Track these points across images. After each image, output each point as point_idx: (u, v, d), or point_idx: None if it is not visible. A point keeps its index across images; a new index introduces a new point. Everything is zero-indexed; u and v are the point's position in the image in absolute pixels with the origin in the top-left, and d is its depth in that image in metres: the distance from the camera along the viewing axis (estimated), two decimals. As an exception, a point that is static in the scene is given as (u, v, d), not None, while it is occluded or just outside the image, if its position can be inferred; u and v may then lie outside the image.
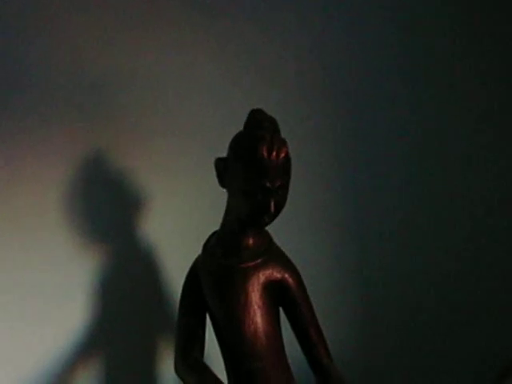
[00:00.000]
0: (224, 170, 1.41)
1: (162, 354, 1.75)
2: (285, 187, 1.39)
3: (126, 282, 1.72)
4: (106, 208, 1.68)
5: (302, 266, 1.50)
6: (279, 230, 1.54)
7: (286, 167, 1.38)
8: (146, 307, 1.75)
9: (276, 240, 1.51)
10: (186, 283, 1.55)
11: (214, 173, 1.41)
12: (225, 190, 1.43)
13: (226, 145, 1.41)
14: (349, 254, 1.98)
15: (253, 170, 1.35)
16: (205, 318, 1.52)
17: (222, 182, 1.43)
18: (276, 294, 1.48)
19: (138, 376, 1.73)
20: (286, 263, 1.49)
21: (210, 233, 1.54)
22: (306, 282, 1.49)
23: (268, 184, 1.35)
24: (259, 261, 1.45)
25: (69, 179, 1.63)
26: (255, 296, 1.45)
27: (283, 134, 1.41)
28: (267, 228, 1.48)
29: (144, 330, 1.74)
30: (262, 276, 1.45)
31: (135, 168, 1.68)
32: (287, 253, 1.51)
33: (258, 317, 1.45)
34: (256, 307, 1.45)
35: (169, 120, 1.72)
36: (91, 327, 1.67)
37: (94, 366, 1.68)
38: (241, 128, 1.41)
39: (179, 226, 1.74)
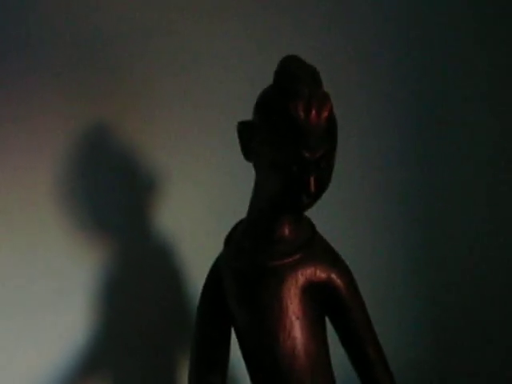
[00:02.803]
0: (249, 137, 1.11)
1: (176, 373, 1.50)
2: (329, 158, 1.08)
3: (136, 285, 1.45)
4: (111, 196, 1.42)
5: (354, 267, 1.24)
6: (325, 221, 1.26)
7: (330, 131, 1.07)
8: (160, 316, 1.47)
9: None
10: (206, 287, 1.26)
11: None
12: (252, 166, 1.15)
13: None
14: (411, 254, 1.74)
15: (285, 135, 1.05)
16: (229, 332, 1.22)
17: (247, 153, 1.13)
18: (320, 300, 1.16)
19: None
20: (333, 260, 1.18)
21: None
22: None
23: (306, 154, 1.05)
24: (298, 257, 1.14)
25: (65, 161, 1.39)
26: (293, 303, 1.14)
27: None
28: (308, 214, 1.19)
29: (157, 343, 1.47)
30: (301, 276, 1.14)
31: (144, 146, 1.44)
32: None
33: (296, 330, 1.14)
34: (294, 318, 1.14)
35: (183, 86, 1.46)
36: (94, 338, 1.43)
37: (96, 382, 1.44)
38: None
39: (199, 216, 1.48)
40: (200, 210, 1.48)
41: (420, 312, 1.77)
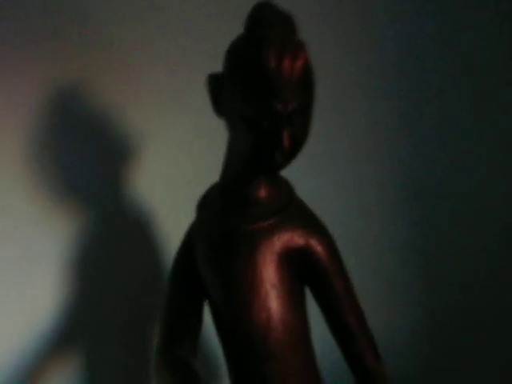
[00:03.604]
0: (219, 89, 1.02)
1: (151, 348, 1.41)
2: (304, 113, 0.99)
3: (109, 255, 1.37)
4: (83, 160, 1.33)
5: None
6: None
7: (305, 82, 0.98)
8: (133, 287, 1.39)
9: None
10: (178, 255, 1.18)
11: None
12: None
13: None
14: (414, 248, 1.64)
15: (255, 85, 0.95)
16: (201, 303, 1.14)
17: (218, 107, 1.04)
18: (298, 268, 1.07)
19: (121, 373, 1.40)
20: (312, 224, 1.08)
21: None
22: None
23: (278, 106, 0.96)
24: (274, 221, 1.05)
25: (37, 122, 1.30)
26: (268, 270, 1.05)
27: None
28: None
29: (130, 317, 1.40)
30: (277, 242, 1.05)
31: (119, 110, 1.35)
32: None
33: (271, 300, 1.05)
34: (269, 286, 1.05)
35: (161, 47, 1.37)
36: (64, 312, 1.35)
37: (67, 362, 1.36)
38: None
39: (177, 182, 1.39)
40: (178, 175, 1.40)
41: (419, 308, 1.68)
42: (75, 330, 1.35)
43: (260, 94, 0.95)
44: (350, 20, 1.51)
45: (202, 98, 1.20)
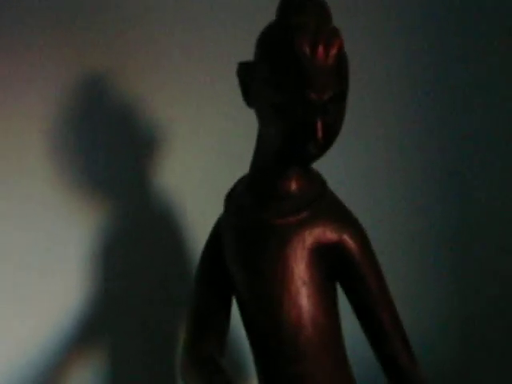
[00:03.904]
0: (250, 79, 0.99)
1: (177, 336, 1.37)
2: (339, 102, 0.95)
3: (134, 247, 1.34)
4: (108, 152, 1.31)
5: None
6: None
7: (339, 71, 0.94)
8: (160, 279, 1.36)
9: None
10: (206, 250, 1.14)
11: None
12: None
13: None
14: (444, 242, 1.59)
15: (289, 74, 0.92)
16: (229, 299, 1.10)
17: (249, 96, 1.00)
18: (330, 264, 1.03)
19: (143, 369, 1.37)
20: (345, 219, 1.04)
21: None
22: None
23: (312, 95, 0.92)
24: (305, 214, 1.01)
25: (60, 113, 1.28)
26: (299, 266, 1.01)
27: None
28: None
29: (156, 307, 1.36)
30: (308, 237, 1.01)
31: (145, 99, 1.32)
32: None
33: (302, 297, 1.01)
34: (300, 283, 1.01)
35: (186, 35, 1.35)
36: (90, 305, 1.32)
37: (92, 355, 1.33)
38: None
39: (204, 173, 1.36)
40: (205, 166, 1.36)
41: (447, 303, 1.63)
42: (98, 324, 1.33)
43: (294, 83, 0.91)
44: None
45: (229, 86, 1.17)
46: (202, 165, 1.36)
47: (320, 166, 1.07)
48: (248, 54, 1.05)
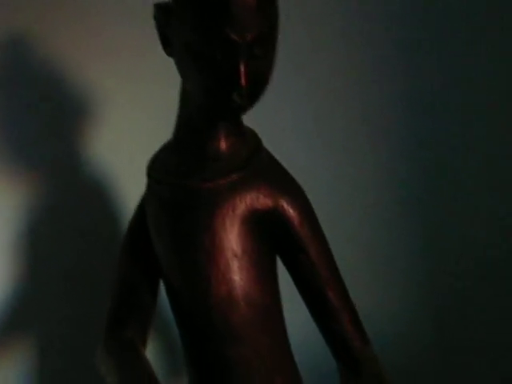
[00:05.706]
0: (166, 21, 0.86)
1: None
2: (266, 43, 0.83)
3: (64, 224, 1.25)
4: (37, 120, 1.22)
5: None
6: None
7: (266, 8, 0.82)
8: (92, 257, 1.27)
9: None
10: (131, 224, 1.02)
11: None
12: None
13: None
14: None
15: (207, 12, 0.80)
16: (156, 278, 0.99)
17: (167, 43, 0.88)
18: (267, 234, 0.91)
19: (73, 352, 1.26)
20: (282, 181, 0.92)
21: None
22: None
23: (233, 35, 0.80)
24: (236, 177, 0.89)
25: None
26: (229, 236, 0.89)
27: None
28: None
29: (86, 286, 1.27)
30: (240, 203, 0.89)
31: (76, 62, 1.24)
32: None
33: (233, 272, 0.89)
34: (230, 255, 0.89)
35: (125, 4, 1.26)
36: (17, 281, 1.23)
37: (18, 346, 1.24)
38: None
39: (140, 142, 1.24)
40: (140, 135, 1.26)
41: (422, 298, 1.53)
42: (24, 310, 1.24)
43: (213, 22, 0.80)
44: None
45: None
46: (137, 134, 1.26)
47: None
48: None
